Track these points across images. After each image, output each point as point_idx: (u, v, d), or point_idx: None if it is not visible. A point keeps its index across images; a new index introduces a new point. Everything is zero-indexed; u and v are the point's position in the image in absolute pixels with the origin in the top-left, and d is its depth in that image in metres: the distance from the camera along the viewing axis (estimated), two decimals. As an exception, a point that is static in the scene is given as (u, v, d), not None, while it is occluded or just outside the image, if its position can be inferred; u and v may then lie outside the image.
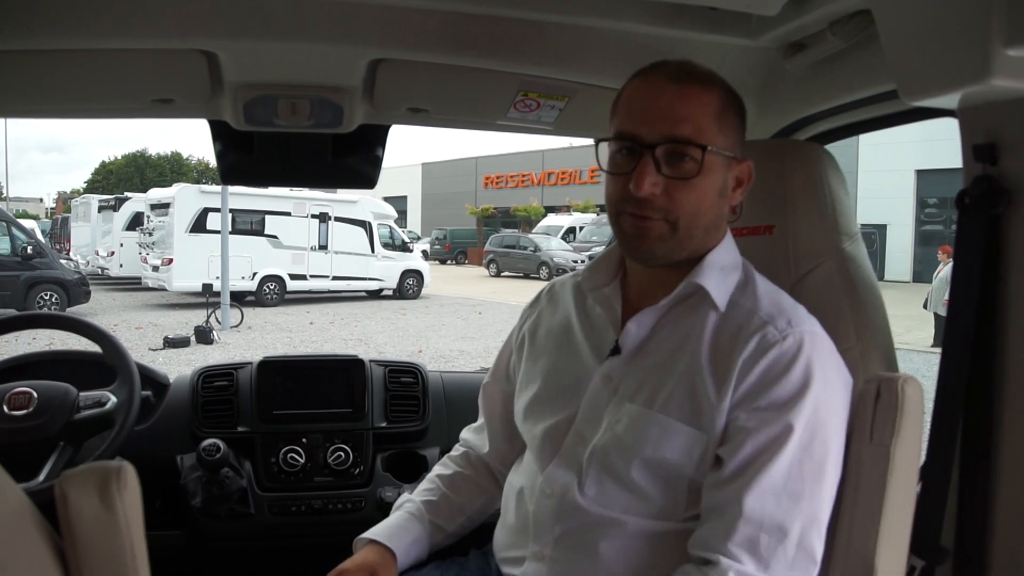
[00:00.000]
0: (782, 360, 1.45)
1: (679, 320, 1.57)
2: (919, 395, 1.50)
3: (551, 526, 1.60)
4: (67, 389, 2.41)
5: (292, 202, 22.12)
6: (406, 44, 1.89)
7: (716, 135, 1.50)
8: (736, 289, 1.57)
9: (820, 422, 1.44)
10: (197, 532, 2.65)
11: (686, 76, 1.53)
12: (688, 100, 1.50)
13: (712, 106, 1.51)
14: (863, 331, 1.65)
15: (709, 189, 1.52)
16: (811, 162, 1.78)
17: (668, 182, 1.49)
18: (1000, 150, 1.47)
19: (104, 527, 1.10)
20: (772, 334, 1.47)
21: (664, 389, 1.52)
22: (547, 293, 1.87)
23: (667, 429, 1.49)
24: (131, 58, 1.91)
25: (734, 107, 1.57)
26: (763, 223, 1.78)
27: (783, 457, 1.41)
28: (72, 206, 33.51)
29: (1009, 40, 1.23)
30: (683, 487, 1.50)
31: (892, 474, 1.46)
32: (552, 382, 1.71)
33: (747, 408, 1.45)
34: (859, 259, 1.75)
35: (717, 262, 1.56)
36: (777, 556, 1.40)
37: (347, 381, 2.83)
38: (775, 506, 1.41)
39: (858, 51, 1.77)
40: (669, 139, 1.48)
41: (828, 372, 1.47)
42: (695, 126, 1.49)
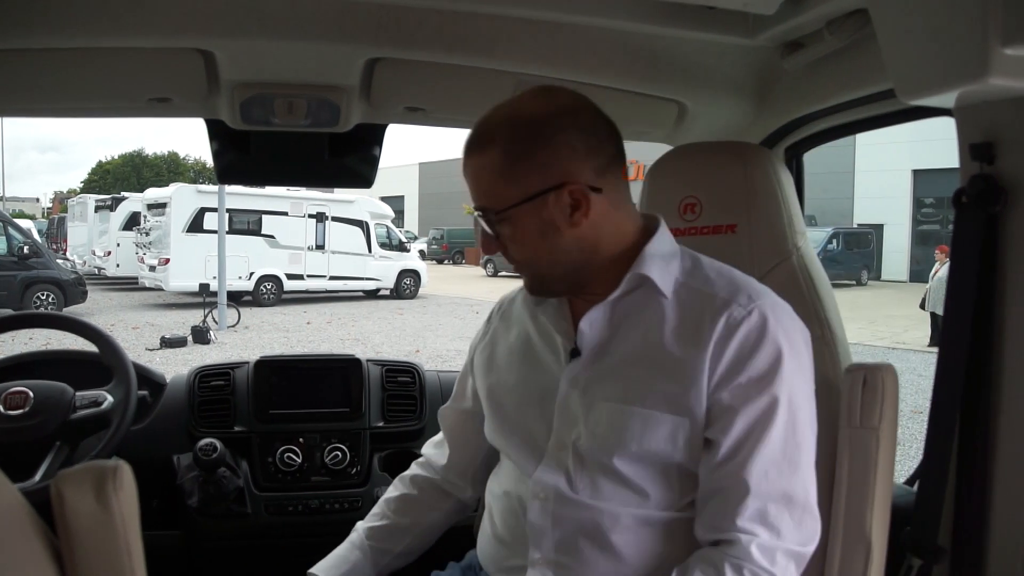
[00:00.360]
0: (752, 335, 1.47)
1: (633, 313, 1.57)
2: (896, 381, 1.62)
3: (549, 530, 1.58)
4: (63, 389, 2.40)
5: (289, 202, 22.11)
6: (403, 43, 1.89)
7: (506, 189, 1.51)
8: (683, 273, 1.58)
9: (796, 387, 1.48)
10: (194, 532, 2.65)
11: (469, 145, 1.57)
12: (473, 169, 1.56)
13: (493, 165, 1.52)
14: (826, 322, 1.77)
15: (528, 238, 1.54)
16: (767, 164, 1.86)
17: (499, 242, 1.58)
18: (997, 149, 1.47)
19: (100, 526, 1.10)
20: (737, 311, 1.48)
21: (637, 382, 1.52)
22: (498, 311, 1.88)
23: (648, 420, 1.49)
24: (128, 57, 1.91)
25: (521, 147, 1.51)
26: (724, 222, 1.85)
27: (775, 428, 1.45)
28: (69, 206, 33.44)
29: (1007, 39, 1.23)
30: (674, 475, 1.52)
31: (880, 453, 1.57)
32: (520, 396, 1.70)
33: (728, 387, 1.47)
34: (813, 256, 1.86)
35: (657, 252, 1.57)
36: (786, 521, 1.44)
37: (344, 381, 2.83)
38: (778, 476, 1.45)
39: (855, 50, 1.77)
40: (477, 210, 1.57)
41: (794, 338, 1.51)
42: (485, 192, 1.55)
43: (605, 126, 1.56)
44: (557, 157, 1.50)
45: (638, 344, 1.55)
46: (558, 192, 1.50)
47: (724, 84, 2.14)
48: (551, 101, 1.54)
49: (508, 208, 1.51)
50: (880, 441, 1.58)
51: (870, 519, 1.57)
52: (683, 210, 1.91)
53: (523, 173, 1.50)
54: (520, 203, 1.50)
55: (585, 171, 1.51)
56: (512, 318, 1.81)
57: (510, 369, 1.75)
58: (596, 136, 1.54)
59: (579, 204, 1.50)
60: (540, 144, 1.50)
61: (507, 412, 1.72)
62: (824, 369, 1.68)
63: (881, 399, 1.58)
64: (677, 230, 1.87)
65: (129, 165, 60.76)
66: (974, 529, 1.54)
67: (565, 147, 1.50)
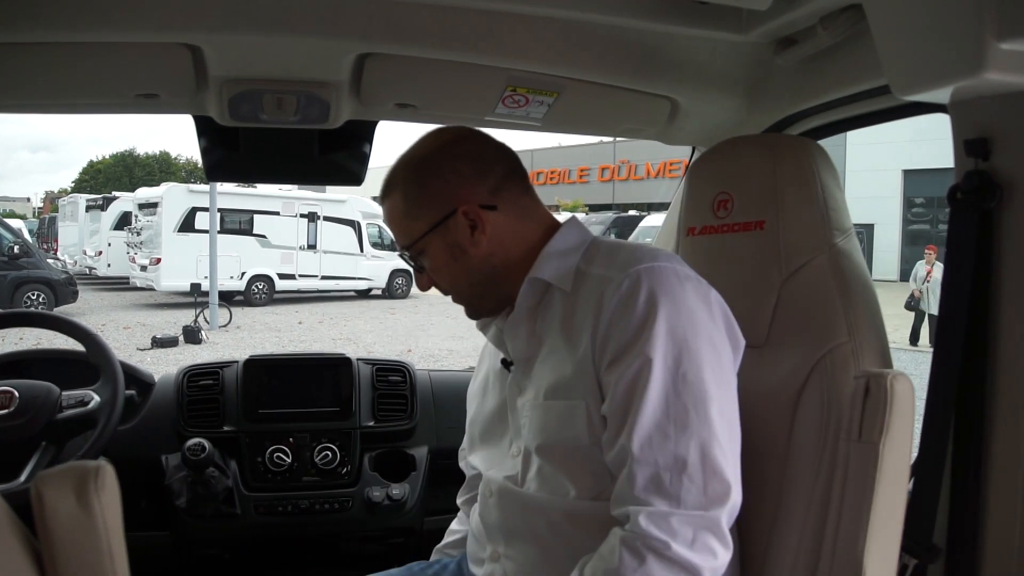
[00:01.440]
0: (622, 302, 1.47)
1: (545, 317, 1.64)
2: (910, 392, 1.48)
3: (497, 524, 1.68)
4: (49, 388, 2.38)
5: (281, 201, 22.10)
6: (393, 38, 1.87)
7: (412, 226, 1.67)
8: (583, 261, 1.62)
9: (682, 344, 1.44)
10: (182, 533, 2.63)
11: (380, 195, 1.73)
12: (386, 215, 1.73)
13: (398, 206, 1.68)
14: (855, 327, 1.62)
15: (443, 265, 1.68)
16: (802, 157, 1.75)
17: (427, 275, 1.72)
18: (992, 145, 1.47)
19: (81, 528, 1.08)
20: (611, 286, 1.49)
21: (550, 378, 1.58)
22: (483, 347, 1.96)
23: (549, 412, 1.56)
24: (114, 52, 1.89)
25: (416, 185, 1.67)
26: (754, 219, 1.76)
27: (652, 389, 1.41)
28: (60, 206, 33.40)
29: (1001, 33, 1.23)
30: (598, 460, 1.51)
31: (881, 472, 1.45)
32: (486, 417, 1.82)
33: (606, 359, 1.47)
34: (852, 255, 1.72)
35: (552, 251, 1.65)
36: (685, 487, 1.39)
37: (334, 380, 2.82)
38: (663, 439, 1.40)
39: (849, 46, 1.76)
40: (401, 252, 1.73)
41: (676, 295, 1.47)
42: (399, 233, 1.71)
43: (493, 149, 1.70)
44: (447, 185, 1.65)
45: (554, 343, 1.60)
46: (455, 216, 1.63)
47: (717, 80, 2.13)
48: (439, 138, 1.70)
49: (417, 240, 1.66)
50: (882, 459, 1.45)
51: (863, 544, 1.45)
52: (716, 207, 1.83)
53: (422, 207, 1.66)
54: (425, 234, 1.65)
55: (477, 192, 1.65)
56: (485, 350, 1.92)
57: (478, 402, 1.87)
58: (483, 159, 1.68)
59: (475, 224, 1.64)
60: (431, 176, 1.66)
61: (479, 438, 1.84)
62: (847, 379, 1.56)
63: (886, 411, 1.45)
64: (710, 228, 1.84)
65: (120, 165, 60.65)
66: (969, 528, 1.53)
67: (452, 175, 1.65)
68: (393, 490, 2.69)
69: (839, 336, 1.60)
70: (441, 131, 1.73)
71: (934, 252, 15.71)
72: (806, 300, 1.67)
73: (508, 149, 1.71)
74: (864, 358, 1.60)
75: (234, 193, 20.74)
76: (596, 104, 2.18)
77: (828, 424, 1.55)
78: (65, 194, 46.58)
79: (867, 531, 1.45)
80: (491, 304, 1.72)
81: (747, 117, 2.23)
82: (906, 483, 1.52)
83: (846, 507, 1.48)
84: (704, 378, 1.43)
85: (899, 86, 1.42)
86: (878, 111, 1.97)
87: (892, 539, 1.49)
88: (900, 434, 1.46)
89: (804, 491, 1.55)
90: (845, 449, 1.50)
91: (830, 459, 1.53)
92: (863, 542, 1.45)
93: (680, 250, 1.90)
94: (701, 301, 1.49)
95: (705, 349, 1.45)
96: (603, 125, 2.46)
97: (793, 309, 1.66)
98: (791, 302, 1.68)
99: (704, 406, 1.42)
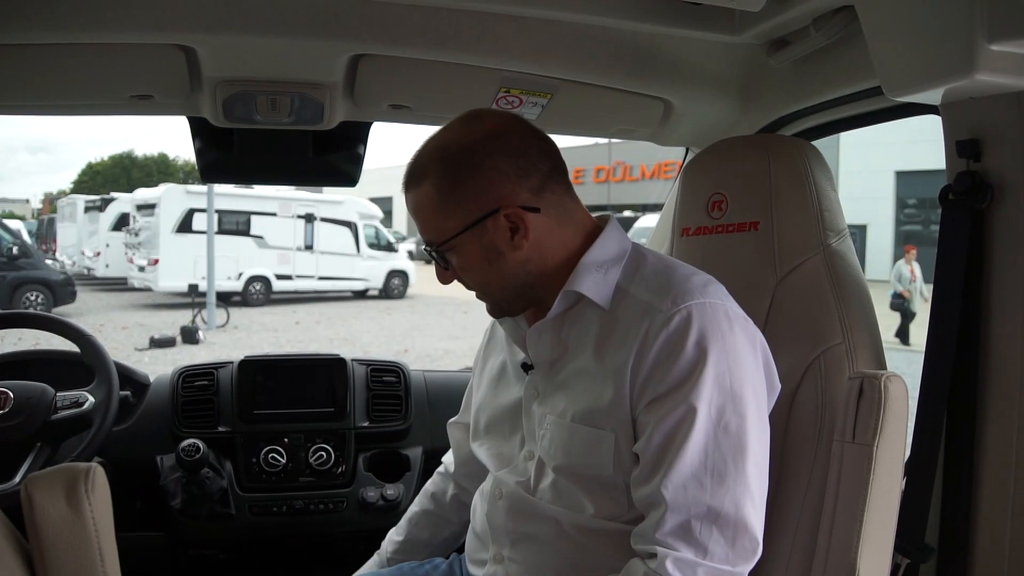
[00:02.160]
0: (671, 341, 1.41)
1: (578, 327, 1.57)
2: (903, 393, 1.48)
3: (506, 527, 1.64)
4: (44, 389, 2.38)
5: (278, 202, 22.07)
6: (387, 39, 1.87)
7: (446, 221, 1.53)
8: (624, 278, 1.55)
9: (728, 393, 1.40)
10: (177, 533, 2.63)
11: (405, 182, 1.58)
12: (412, 205, 1.58)
13: (429, 199, 1.54)
14: (850, 328, 1.62)
15: (475, 265, 1.56)
16: (797, 158, 1.75)
17: (452, 271, 1.59)
18: (983, 145, 1.47)
19: (72, 530, 1.08)
20: (659, 317, 1.43)
21: (571, 397, 1.53)
22: (491, 326, 1.90)
23: (575, 435, 1.50)
24: (108, 53, 1.88)
25: (452, 178, 1.53)
26: (748, 219, 1.76)
27: (694, 439, 1.38)
28: (58, 207, 33.32)
29: (992, 35, 1.24)
30: (619, 487, 1.49)
31: (875, 473, 1.44)
32: (496, 411, 1.75)
33: (647, 398, 1.43)
34: (846, 256, 1.72)
35: (592, 263, 1.55)
36: (715, 539, 1.37)
37: (329, 380, 2.81)
38: (698, 490, 1.38)
39: (842, 47, 1.77)
40: (424, 245, 1.59)
41: (727, 339, 1.42)
42: (426, 226, 1.57)
43: (537, 144, 1.57)
44: (489, 183, 1.51)
45: (582, 358, 1.54)
46: (495, 217, 1.51)
47: (710, 81, 2.13)
48: (478, 127, 1.55)
49: (449, 239, 1.54)
50: (876, 460, 1.44)
51: (856, 545, 1.44)
52: (711, 208, 1.82)
53: (458, 203, 1.52)
54: (459, 233, 1.52)
55: (520, 193, 1.52)
56: (498, 338, 1.84)
57: (489, 390, 1.79)
58: (526, 157, 1.54)
59: (518, 227, 1.52)
60: (469, 172, 1.51)
61: (483, 427, 1.78)
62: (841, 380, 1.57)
63: (880, 412, 1.44)
64: (704, 228, 1.83)
65: (119, 166, 60.53)
66: (961, 527, 1.53)
67: (494, 172, 1.51)
68: (388, 490, 2.69)
69: (834, 337, 1.61)
70: (480, 118, 1.58)
71: (914, 252, 15.75)
72: (800, 301, 1.67)
73: (551, 143, 1.60)
74: (858, 359, 1.60)
75: (232, 194, 20.72)
76: (590, 105, 2.19)
77: (822, 425, 1.55)
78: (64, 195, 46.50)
79: (861, 532, 1.44)
80: (519, 306, 1.63)
81: (740, 118, 2.23)
82: (899, 483, 1.51)
83: (840, 508, 1.47)
84: (746, 429, 1.40)
85: (891, 87, 1.43)
86: (871, 112, 1.97)
87: (885, 539, 1.49)
88: (894, 435, 1.46)
89: (798, 492, 1.55)
90: (839, 450, 1.49)
91: (824, 460, 1.52)
92: (857, 542, 1.44)
93: (674, 251, 1.90)
94: (748, 345, 1.46)
95: (749, 398, 1.42)
96: (597, 126, 2.46)
97: (787, 310, 1.66)
98: (785, 303, 1.68)
99: (743, 459, 1.39)
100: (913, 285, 15.08)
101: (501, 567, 1.65)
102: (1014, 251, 1.46)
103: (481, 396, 1.82)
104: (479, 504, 1.77)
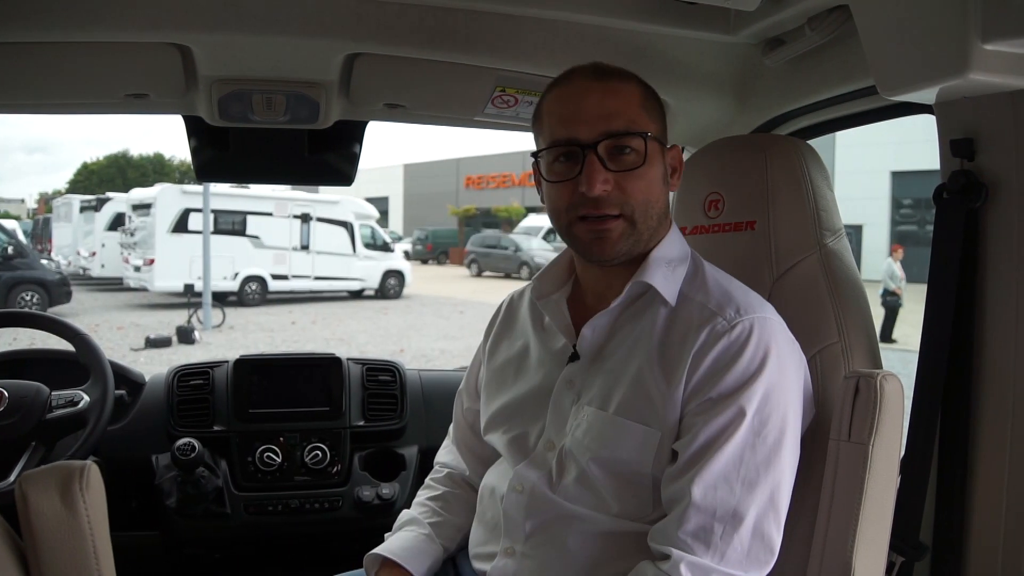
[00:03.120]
0: (732, 348, 1.43)
1: (633, 320, 1.57)
2: (899, 392, 1.48)
3: (522, 522, 1.60)
4: (39, 388, 2.37)
5: (274, 202, 22.06)
6: (382, 38, 1.87)
7: (648, 123, 1.52)
8: (685, 281, 1.56)
9: (773, 406, 1.42)
10: (172, 532, 2.63)
11: (605, 74, 1.54)
12: (614, 95, 1.51)
13: (636, 96, 1.53)
14: (846, 327, 1.63)
15: (655, 176, 1.53)
16: (793, 157, 1.75)
17: (617, 176, 1.49)
18: (977, 145, 1.48)
19: (66, 528, 1.08)
20: (721, 324, 1.45)
21: (618, 390, 1.52)
22: (506, 307, 1.87)
23: (620, 429, 1.49)
24: (103, 52, 1.89)
25: (654, 97, 1.58)
26: (745, 219, 1.76)
27: (734, 442, 1.40)
28: (54, 207, 33.22)
29: (986, 34, 1.24)
30: (647, 486, 1.49)
31: (870, 472, 1.44)
32: (516, 396, 1.71)
33: (699, 399, 1.44)
34: (842, 255, 1.73)
35: (663, 257, 1.56)
36: (733, 545, 1.38)
37: (324, 379, 2.81)
38: (727, 493, 1.39)
39: (836, 47, 1.77)
40: (608, 135, 1.48)
41: (782, 356, 1.45)
42: (628, 118, 1.50)
43: None
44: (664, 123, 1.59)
45: (630, 352, 1.53)
46: (672, 151, 1.59)
47: (705, 81, 2.13)
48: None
49: (642, 133, 1.50)
50: (871, 459, 1.44)
51: (852, 543, 1.44)
52: (708, 207, 1.83)
53: (659, 116, 1.57)
54: (654, 137, 1.52)
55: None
56: (517, 315, 1.81)
57: (508, 371, 1.75)
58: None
59: (675, 170, 1.60)
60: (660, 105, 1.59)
61: (499, 411, 1.73)
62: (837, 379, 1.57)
63: (875, 411, 1.44)
64: (701, 227, 1.84)
65: (114, 166, 60.42)
66: (955, 525, 1.54)
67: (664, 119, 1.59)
68: (383, 489, 2.69)
69: (830, 336, 1.61)
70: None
71: (900, 252, 15.89)
72: (797, 300, 1.67)
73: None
74: (854, 358, 1.61)
75: (227, 194, 20.72)
76: None
77: (818, 424, 1.55)
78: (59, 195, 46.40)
79: (856, 530, 1.44)
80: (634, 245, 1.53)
81: (736, 117, 2.23)
82: (895, 482, 1.52)
83: (836, 507, 1.48)
84: (783, 444, 1.42)
85: (885, 86, 1.44)
86: (866, 111, 1.97)
87: (880, 537, 1.49)
88: (889, 434, 1.46)
89: (794, 491, 1.55)
90: (835, 449, 1.49)
91: (820, 459, 1.52)
92: (852, 541, 1.45)
93: None
94: (797, 366, 1.49)
95: (790, 415, 1.44)
96: None
97: (784, 309, 1.66)
98: (782, 302, 1.68)
99: (775, 473, 1.41)
100: (903, 283, 15.22)
101: (512, 561, 1.61)
102: (1008, 249, 1.46)
103: (496, 384, 1.78)
104: (489, 496, 1.73)
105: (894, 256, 15.83)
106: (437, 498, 1.91)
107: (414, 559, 1.77)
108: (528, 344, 1.74)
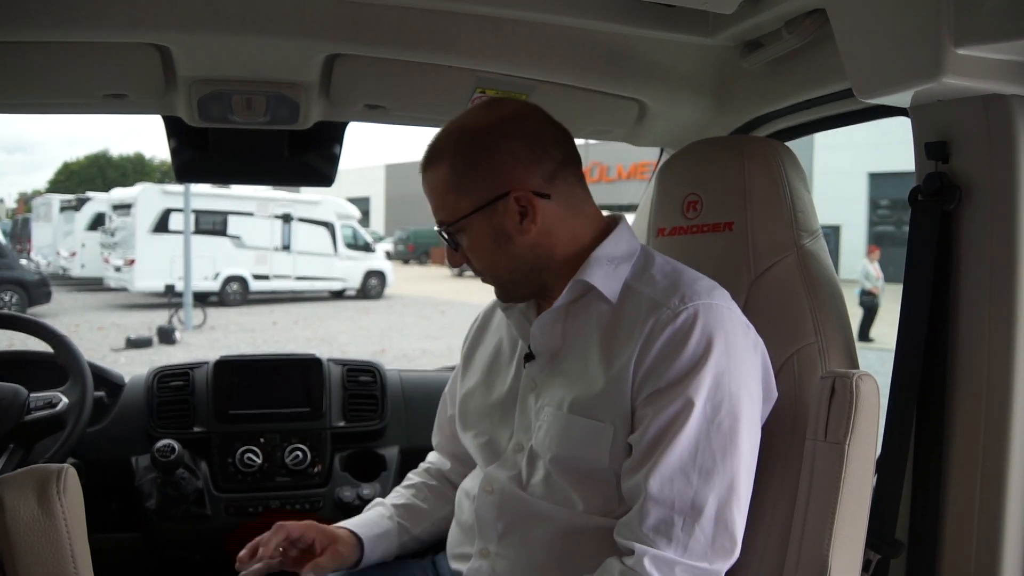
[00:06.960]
0: (676, 336, 1.44)
1: (579, 318, 1.59)
2: (875, 391, 1.49)
3: (494, 522, 1.63)
4: (16, 390, 2.35)
5: (255, 202, 21.98)
6: (362, 39, 1.87)
7: (459, 202, 1.57)
8: (632, 276, 1.57)
9: (725, 392, 1.42)
10: (153, 534, 2.62)
11: (423, 162, 1.62)
12: (430, 187, 1.61)
13: (444, 179, 1.58)
14: (823, 327, 1.64)
15: (484, 246, 1.59)
16: (770, 158, 1.76)
17: (462, 253, 1.62)
18: (951, 147, 1.49)
19: (43, 531, 1.07)
20: (666, 314, 1.46)
21: (571, 388, 1.54)
22: (483, 315, 1.91)
23: (574, 427, 1.51)
24: (82, 52, 1.87)
25: (467, 159, 1.56)
26: (723, 220, 1.77)
27: (686, 433, 1.40)
28: (33, 206, 33.05)
29: (959, 39, 1.27)
30: (610, 481, 1.50)
31: (846, 471, 1.45)
32: (485, 402, 1.75)
33: (647, 391, 1.45)
34: (819, 256, 1.74)
35: (605, 256, 1.58)
36: (695, 536, 1.39)
37: (305, 380, 2.81)
38: (684, 484, 1.40)
39: (813, 50, 1.79)
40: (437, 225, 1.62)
41: (730, 340, 1.45)
42: (441, 206, 1.60)
43: (553, 133, 1.61)
44: (501, 165, 1.54)
45: (581, 350, 1.56)
46: (505, 200, 1.54)
47: (684, 83, 2.14)
48: (496, 112, 1.59)
49: (460, 219, 1.57)
50: (847, 458, 1.44)
51: (828, 542, 1.45)
52: (686, 208, 1.84)
53: (471, 184, 1.55)
54: (470, 214, 1.55)
55: (531, 178, 1.55)
56: (492, 326, 1.85)
57: (480, 376, 1.79)
58: (541, 143, 1.57)
59: (527, 211, 1.55)
60: (484, 154, 1.55)
61: (472, 416, 1.77)
62: (814, 379, 1.57)
63: (851, 411, 1.45)
64: (680, 228, 1.85)
65: (95, 166, 60.01)
66: (930, 522, 1.55)
67: (508, 155, 1.54)
68: (364, 490, 2.69)
69: (807, 336, 1.62)
70: (500, 104, 1.64)
71: (877, 253, 16.02)
72: (774, 301, 1.68)
73: (567, 133, 1.63)
74: (831, 358, 1.62)
75: (208, 194, 20.64)
76: (565, 106, 2.19)
77: (795, 424, 1.56)
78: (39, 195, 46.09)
79: (833, 528, 1.45)
80: (525, 292, 1.65)
81: (714, 119, 2.25)
82: (871, 481, 1.53)
83: (812, 507, 1.48)
84: (738, 430, 1.43)
85: (861, 90, 1.45)
86: (843, 114, 1.99)
87: (857, 536, 1.50)
88: (865, 434, 1.47)
89: (771, 491, 1.56)
90: (811, 448, 1.50)
91: (797, 458, 1.53)
92: (829, 539, 1.45)
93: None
94: (750, 350, 1.49)
95: (744, 400, 1.44)
96: (572, 126, 2.45)
97: (762, 310, 1.67)
98: (760, 303, 1.69)
99: (731, 459, 1.42)
100: (879, 283, 15.35)
101: (487, 562, 1.64)
102: (981, 250, 1.48)
103: (471, 385, 1.81)
104: (465, 498, 1.76)
105: (870, 257, 15.97)
106: (410, 486, 1.98)
107: (365, 527, 1.84)
108: (499, 349, 1.78)
